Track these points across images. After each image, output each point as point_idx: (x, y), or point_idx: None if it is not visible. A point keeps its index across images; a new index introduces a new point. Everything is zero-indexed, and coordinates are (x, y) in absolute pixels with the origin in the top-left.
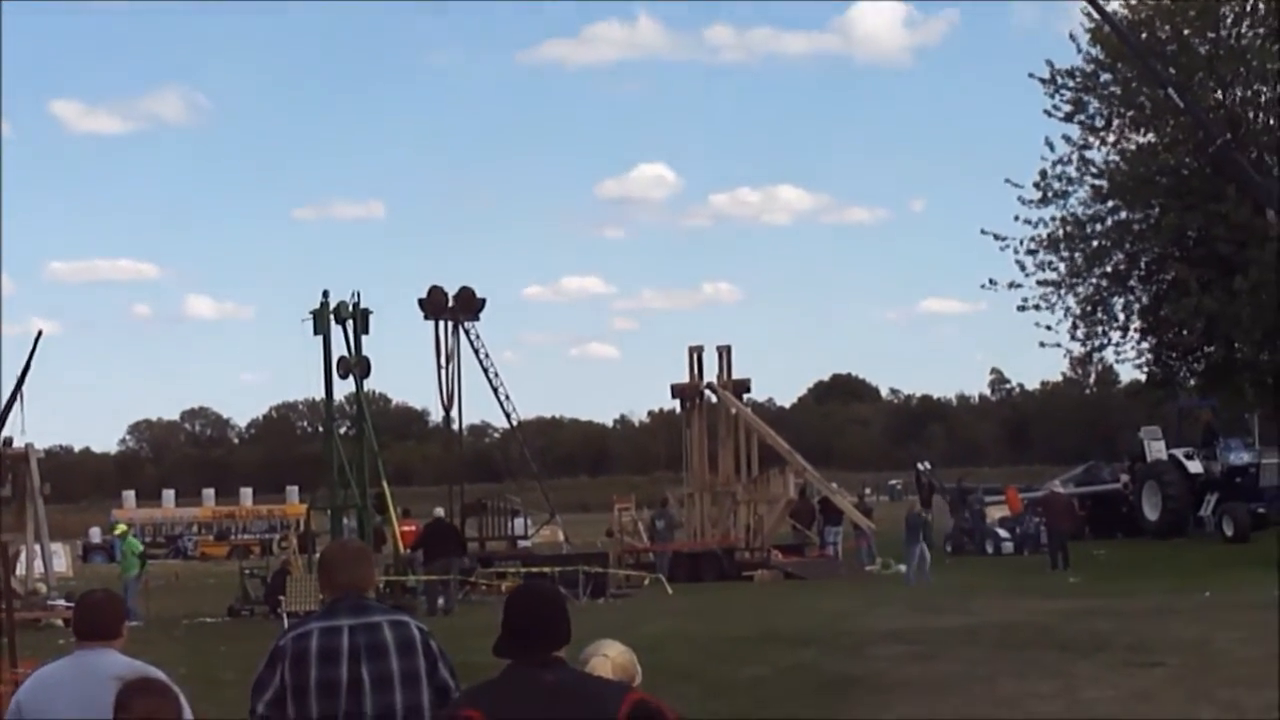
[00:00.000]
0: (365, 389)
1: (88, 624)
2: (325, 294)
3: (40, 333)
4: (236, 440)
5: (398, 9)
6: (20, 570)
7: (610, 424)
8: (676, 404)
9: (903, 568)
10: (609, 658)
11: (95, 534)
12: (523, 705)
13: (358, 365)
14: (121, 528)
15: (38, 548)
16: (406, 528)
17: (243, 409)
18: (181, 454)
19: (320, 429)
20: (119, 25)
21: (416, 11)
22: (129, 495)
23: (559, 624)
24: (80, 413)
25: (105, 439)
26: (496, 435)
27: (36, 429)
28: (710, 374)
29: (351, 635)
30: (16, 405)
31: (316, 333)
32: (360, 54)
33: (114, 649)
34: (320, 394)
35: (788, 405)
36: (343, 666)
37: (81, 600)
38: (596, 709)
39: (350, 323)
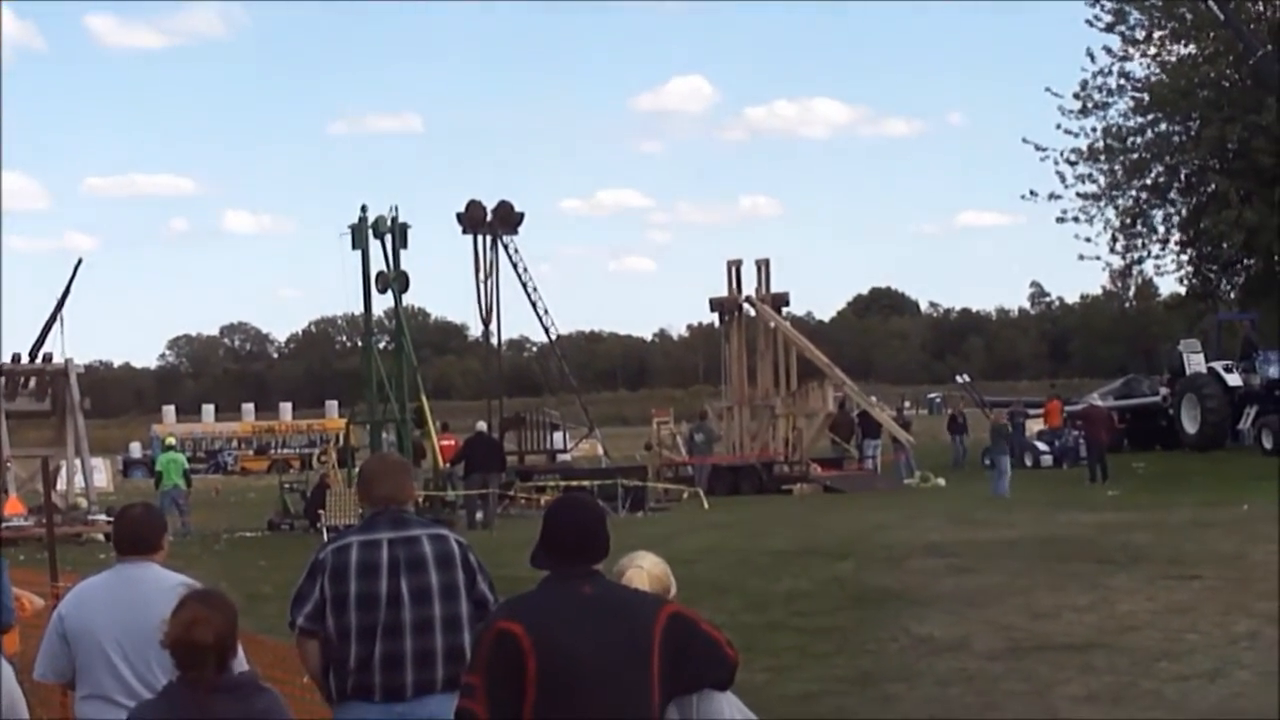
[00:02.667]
0: (404, 304)
1: (128, 538)
2: (363, 208)
3: (80, 260)
4: (275, 355)
5: None
6: (61, 485)
7: (649, 338)
8: (715, 318)
9: (941, 481)
10: (645, 570)
11: (135, 449)
12: (562, 617)
13: (396, 280)
14: (170, 440)
15: (78, 463)
16: (445, 442)
17: (282, 324)
18: (221, 369)
19: (359, 344)
20: None
21: None
22: (169, 410)
23: (598, 537)
24: (120, 328)
25: (145, 354)
26: (535, 350)
27: (76, 345)
28: (749, 287)
29: (391, 549)
30: (56, 325)
31: (355, 247)
32: None
33: (154, 562)
34: (359, 309)
35: (826, 319)
36: (382, 580)
37: (121, 515)
38: (634, 621)
39: (388, 237)
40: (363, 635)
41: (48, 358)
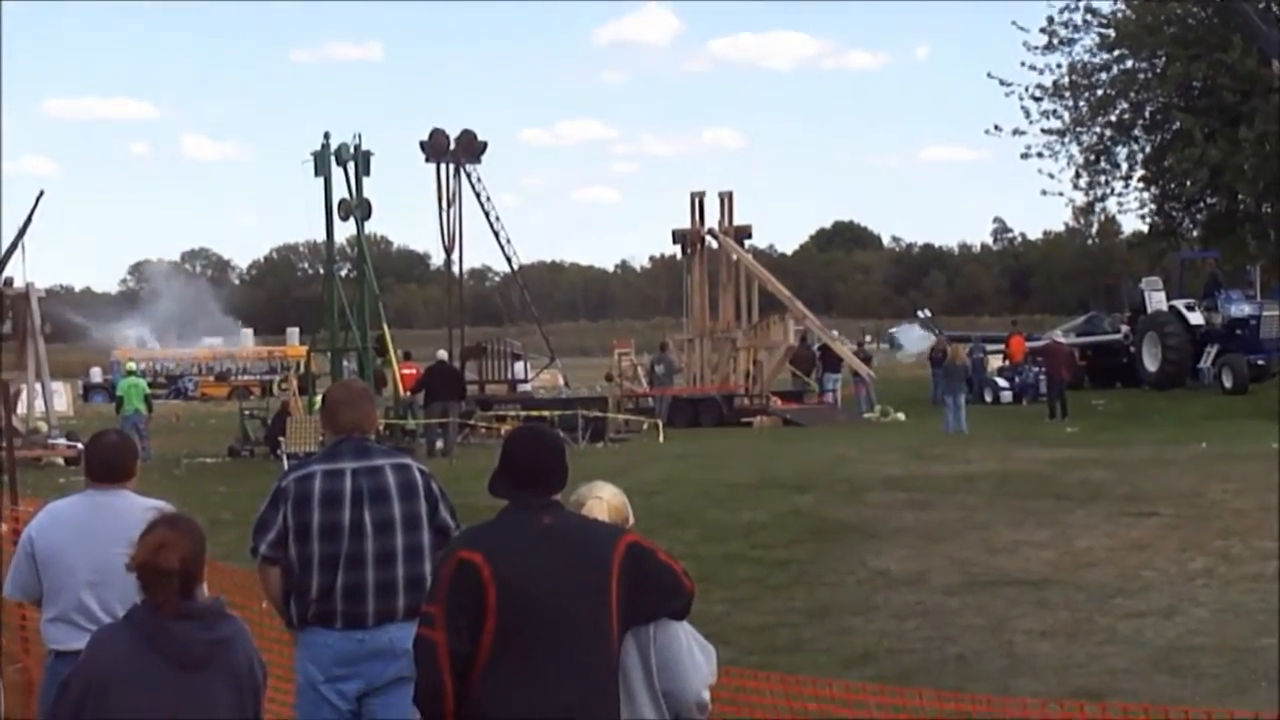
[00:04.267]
0: (366, 232)
1: (102, 464)
2: (326, 135)
3: (42, 192)
4: (237, 281)
5: None
6: (21, 409)
7: (611, 269)
8: (678, 250)
9: (901, 416)
10: (604, 500)
11: (96, 374)
12: (521, 547)
13: (359, 207)
14: (130, 365)
15: (38, 386)
16: (407, 370)
17: (243, 250)
18: (181, 294)
19: (321, 271)
20: None
21: None
22: (129, 335)
23: (557, 467)
24: (81, 253)
25: (106, 280)
26: (498, 279)
27: (37, 270)
28: (712, 220)
29: (354, 478)
30: (17, 253)
31: (317, 174)
32: None
33: (127, 489)
34: (321, 236)
35: (789, 252)
36: (345, 510)
37: (95, 441)
38: (592, 551)
39: (351, 164)
40: (325, 565)
41: (8, 282)
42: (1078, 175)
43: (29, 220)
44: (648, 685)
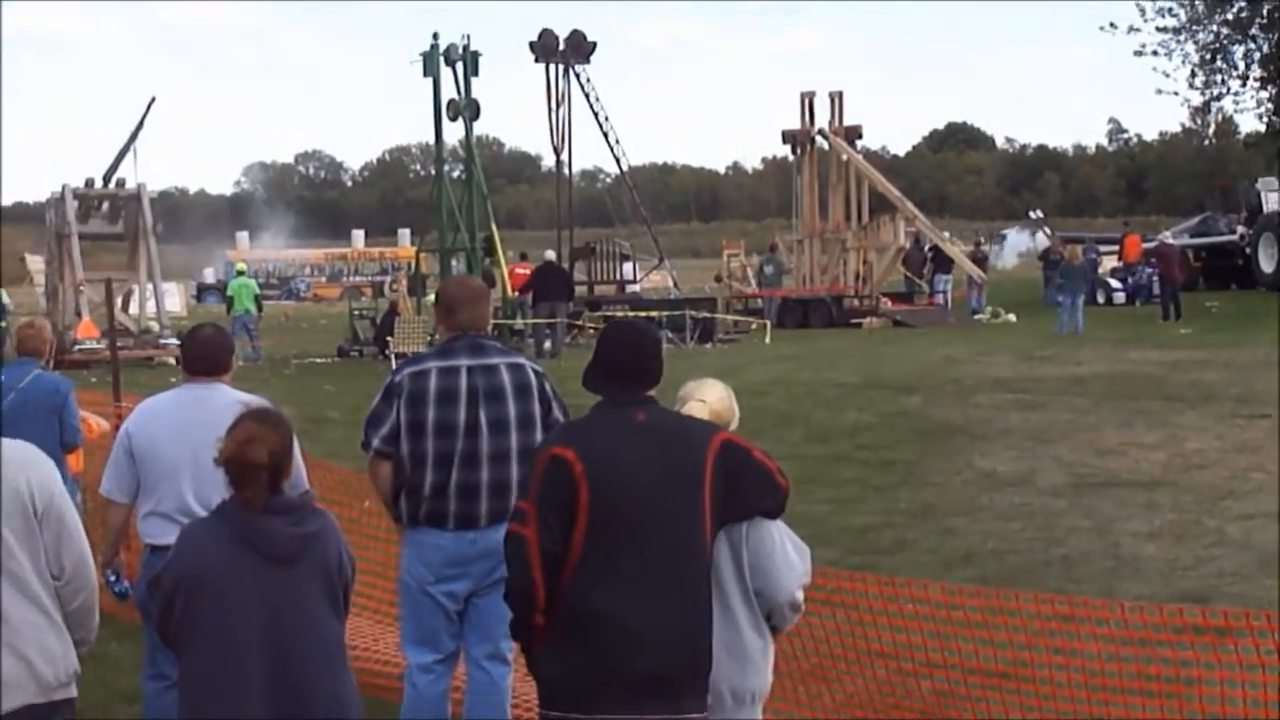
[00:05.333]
0: (476, 133)
1: (197, 358)
2: (435, 36)
3: (153, 99)
4: (349, 183)
5: None
6: (134, 309)
7: (723, 170)
8: (788, 150)
9: (1013, 318)
10: (706, 403)
11: (209, 274)
12: (614, 443)
13: (467, 107)
14: (241, 266)
15: (150, 286)
16: (520, 270)
17: (355, 152)
18: (295, 196)
19: (432, 172)
20: None
21: None
22: (243, 236)
23: (652, 362)
24: (194, 154)
25: (221, 181)
26: (608, 181)
27: (152, 171)
28: (822, 120)
29: (469, 376)
30: (129, 157)
31: (426, 75)
32: None
33: (222, 383)
34: (432, 137)
35: (901, 154)
36: (460, 408)
37: (191, 335)
38: (685, 448)
39: (460, 65)
40: (439, 462)
41: (120, 183)
42: (1193, 74)
43: (140, 125)
44: (740, 584)
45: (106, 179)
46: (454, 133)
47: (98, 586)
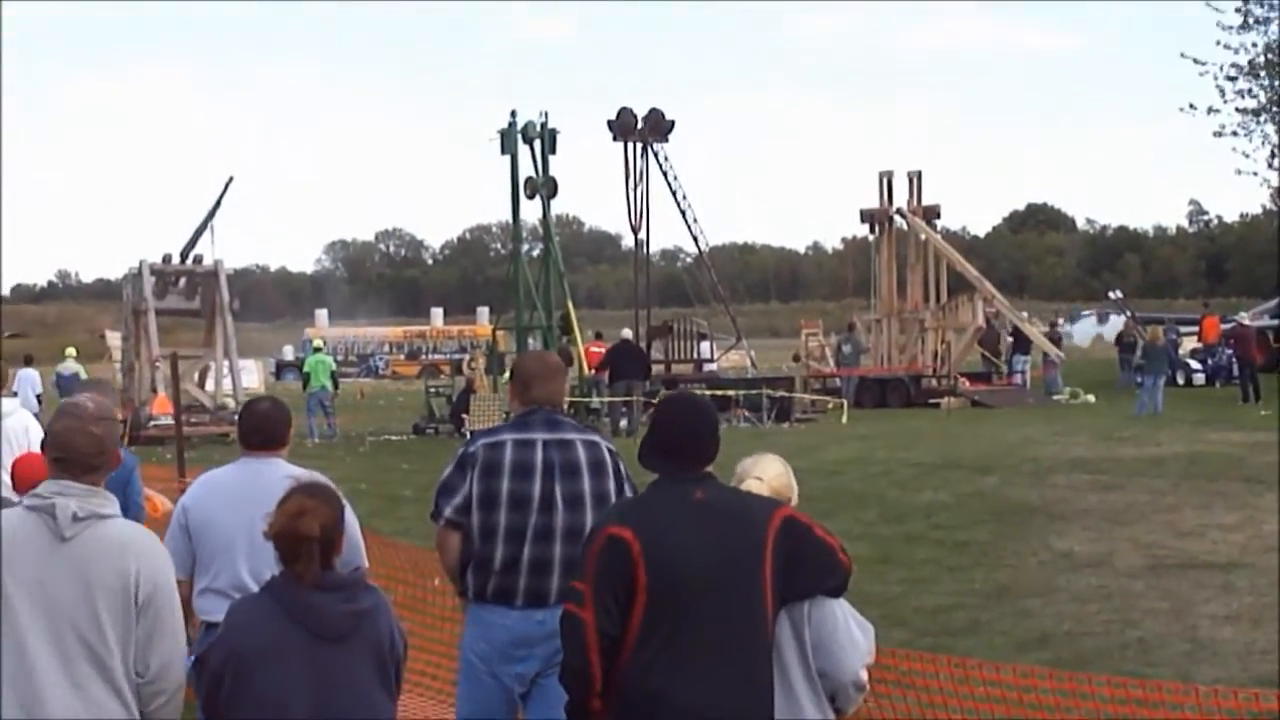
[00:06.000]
0: (555, 211)
1: (254, 432)
2: (513, 113)
3: (231, 178)
4: (430, 261)
5: None
6: (210, 386)
7: (802, 250)
8: (867, 231)
9: (1091, 398)
10: (764, 481)
11: (288, 351)
12: (671, 522)
13: (545, 185)
14: (318, 343)
15: (226, 363)
16: (594, 349)
17: (437, 230)
18: (376, 274)
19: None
20: None
21: None
22: (321, 314)
23: (709, 437)
24: (276, 232)
25: (302, 259)
26: (688, 260)
27: (235, 248)
28: (900, 199)
29: (546, 450)
30: (207, 234)
31: (504, 152)
32: None
33: (279, 457)
34: (510, 215)
35: (981, 234)
36: (536, 481)
37: (247, 408)
38: (746, 526)
39: (538, 142)
40: (511, 536)
41: (198, 259)
42: (1273, 155)
43: (219, 203)
44: (802, 665)
45: (184, 255)
46: (533, 211)
47: (183, 696)
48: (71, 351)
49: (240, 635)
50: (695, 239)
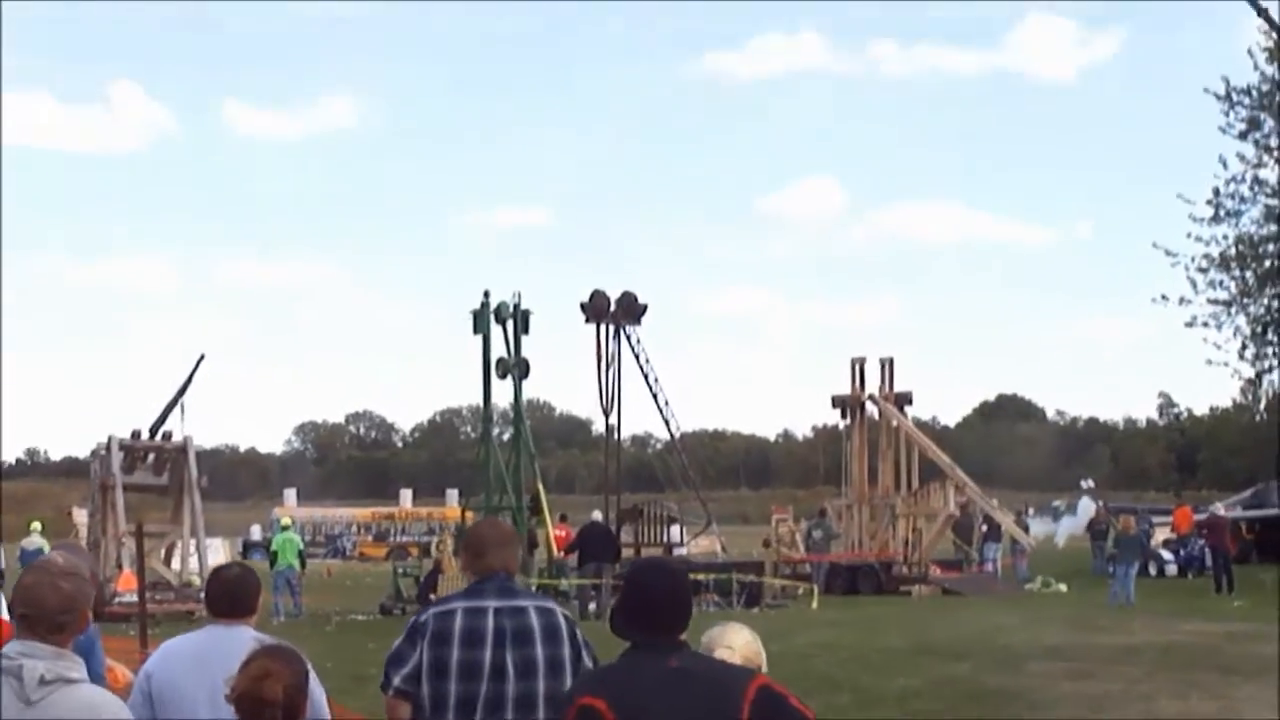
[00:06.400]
0: (526, 396)
1: (222, 598)
2: (486, 294)
3: (202, 356)
4: (400, 444)
5: (562, 16)
6: (176, 564)
7: (773, 437)
8: (838, 417)
9: (1063, 587)
10: (734, 650)
11: (255, 531)
12: (646, 691)
13: (517, 365)
14: (286, 521)
15: (193, 541)
16: (559, 532)
17: (407, 413)
18: (345, 455)
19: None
20: (286, 27)
21: (580, 19)
22: (290, 494)
23: (683, 602)
24: (248, 413)
25: (272, 440)
26: (658, 446)
27: (205, 427)
28: (872, 385)
29: (497, 617)
30: (176, 410)
31: (476, 332)
32: (525, 61)
33: (247, 626)
34: (482, 396)
35: (952, 424)
36: (487, 649)
37: (215, 574)
38: (721, 695)
39: (510, 323)
40: (462, 706)
41: (167, 436)
42: (1244, 346)
43: (189, 380)
44: None
45: (153, 431)
46: (504, 393)
47: None
48: (36, 526)
49: None
50: (667, 422)
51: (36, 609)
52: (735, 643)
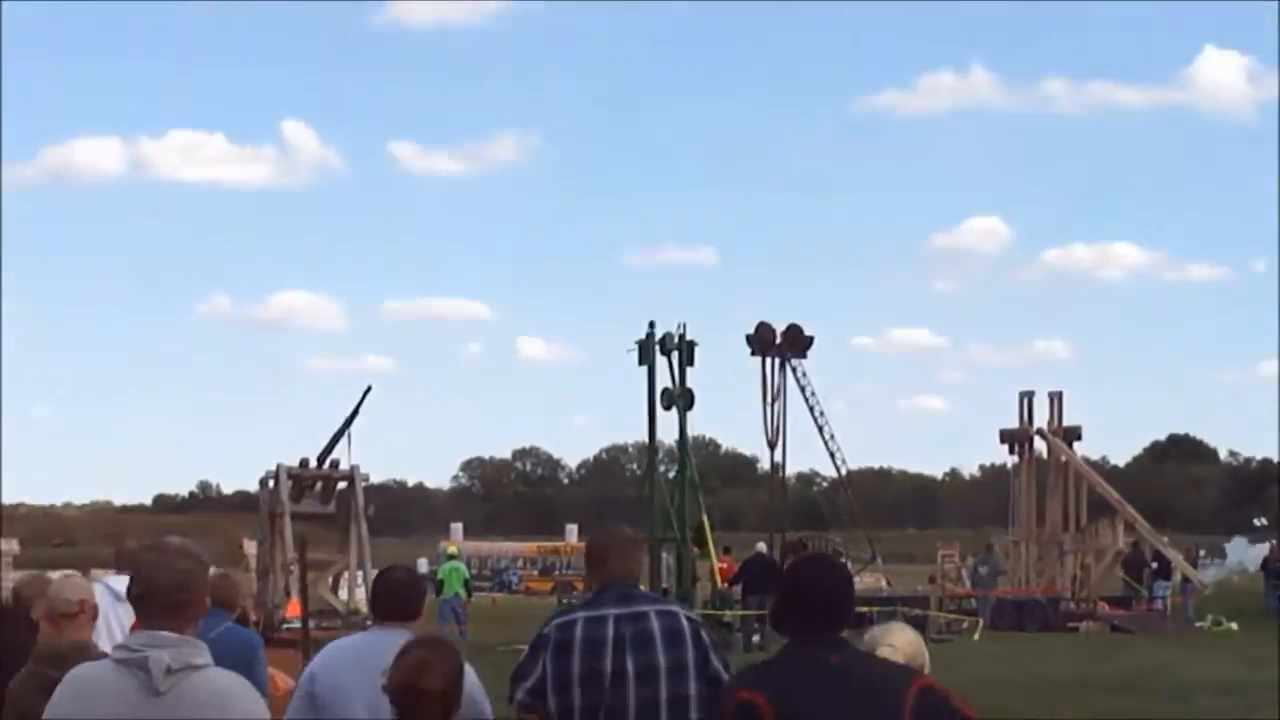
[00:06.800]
0: (691, 430)
1: (387, 602)
2: (651, 325)
3: (369, 387)
4: (566, 480)
5: (728, 57)
6: (343, 593)
7: (940, 476)
8: (1006, 455)
9: (1234, 625)
10: (895, 648)
11: (423, 564)
12: (806, 688)
13: (681, 396)
14: (452, 550)
15: (360, 572)
16: (722, 565)
17: (573, 450)
18: (511, 492)
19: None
20: (457, 67)
21: (749, 60)
22: (457, 528)
23: (845, 598)
24: (416, 449)
25: (439, 475)
26: (824, 484)
27: (374, 464)
28: (1040, 421)
29: (617, 625)
30: (343, 442)
31: (641, 363)
32: (692, 100)
33: (411, 629)
34: (647, 430)
35: (1121, 464)
36: (607, 657)
37: (380, 577)
38: (882, 693)
39: (675, 354)
40: (587, 715)
41: (335, 464)
42: None
43: (356, 411)
44: None
45: (320, 461)
46: (669, 431)
47: None
48: None
49: None
50: (832, 455)
51: (150, 589)
52: (898, 642)
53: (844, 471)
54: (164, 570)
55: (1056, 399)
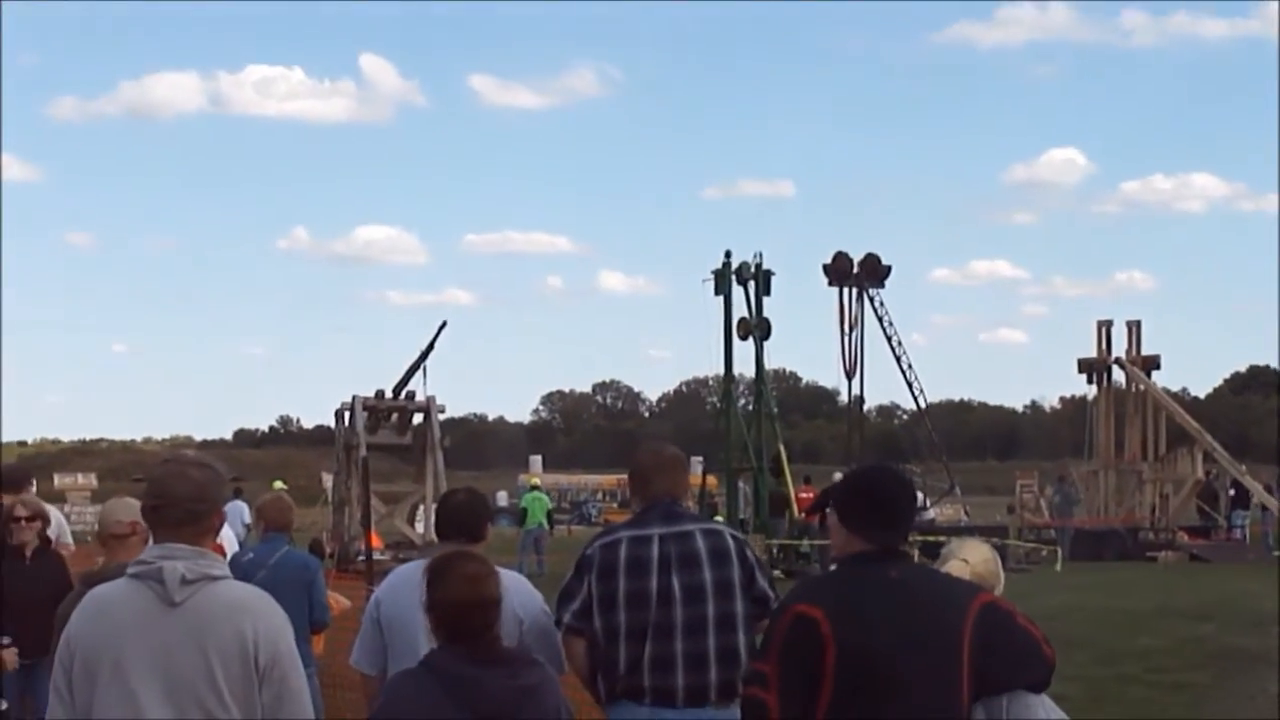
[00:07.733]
0: (769, 362)
1: (448, 523)
2: (727, 254)
3: (444, 323)
4: (646, 414)
5: None
6: (419, 525)
7: (1020, 409)
8: (1085, 387)
9: None
10: (968, 563)
11: (502, 497)
12: (865, 603)
13: (758, 326)
14: (535, 481)
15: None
16: (804, 494)
17: (653, 383)
18: (592, 425)
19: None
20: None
21: None
22: (536, 460)
23: (908, 508)
24: (495, 383)
25: (519, 409)
26: (904, 417)
27: (454, 398)
28: (1119, 350)
29: (661, 544)
30: (419, 376)
31: (718, 293)
32: (771, 34)
33: (476, 550)
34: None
35: (1201, 395)
36: (652, 577)
37: (443, 500)
38: (943, 609)
39: (752, 283)
40: (632, 635)
41: (410, 396)
42: None
43: (431, 345)
44: None
45: (396, 392)
46: (747, 363)
47: None
48: (279, 484)
49: (397, 713)
50: (910, 385)
51: (165, 498)
52: (973, 557)
53: (922, 402)
54: (180, 480)
55: (1135, 328)
